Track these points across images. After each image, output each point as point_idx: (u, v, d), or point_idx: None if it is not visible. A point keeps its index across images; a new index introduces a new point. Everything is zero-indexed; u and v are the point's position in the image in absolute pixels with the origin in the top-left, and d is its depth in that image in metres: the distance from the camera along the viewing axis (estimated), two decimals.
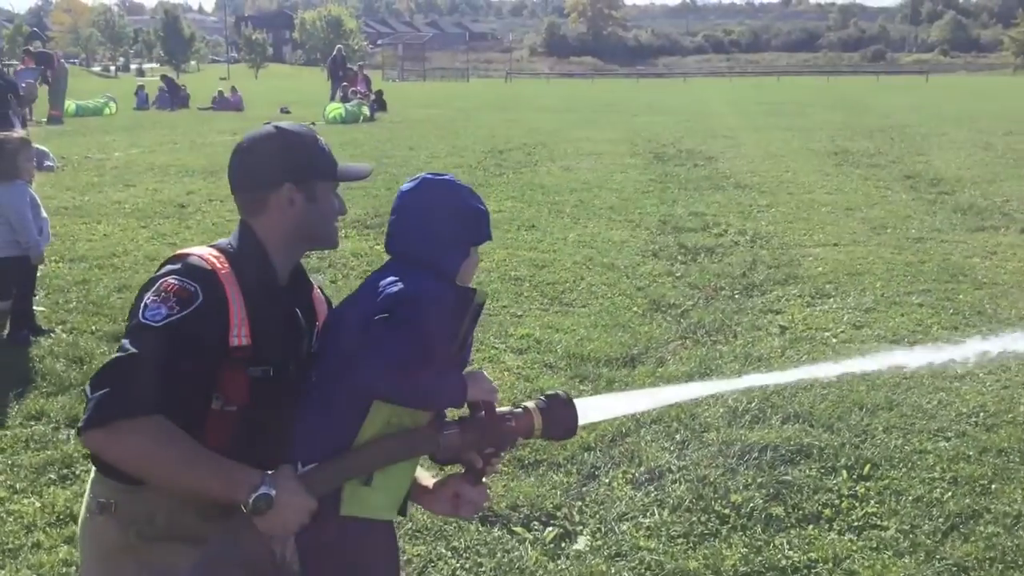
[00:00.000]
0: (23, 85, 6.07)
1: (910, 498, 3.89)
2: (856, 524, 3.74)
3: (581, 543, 3.60)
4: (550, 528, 3.68)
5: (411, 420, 2.20)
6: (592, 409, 2.56)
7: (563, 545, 3.59)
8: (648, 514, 3.81)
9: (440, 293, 2.17)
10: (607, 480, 4.07)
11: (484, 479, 2.41)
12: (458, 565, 3.44)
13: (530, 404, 2.30)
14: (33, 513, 3.69)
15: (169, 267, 2.22)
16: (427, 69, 79.84)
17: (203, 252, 2.24)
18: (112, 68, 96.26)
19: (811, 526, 3.74)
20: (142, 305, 2.13)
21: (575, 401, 2.34)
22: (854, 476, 4.09)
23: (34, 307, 5.95)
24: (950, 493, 3.91)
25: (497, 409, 2.27)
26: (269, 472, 2.11)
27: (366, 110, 24.20)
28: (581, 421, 2.36)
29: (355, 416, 2.17)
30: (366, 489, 2.19)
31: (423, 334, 2.10)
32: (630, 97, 41.42)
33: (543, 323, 6.28)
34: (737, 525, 3.74)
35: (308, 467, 2.15)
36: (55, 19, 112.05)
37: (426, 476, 2.53)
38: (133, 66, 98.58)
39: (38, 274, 6.50)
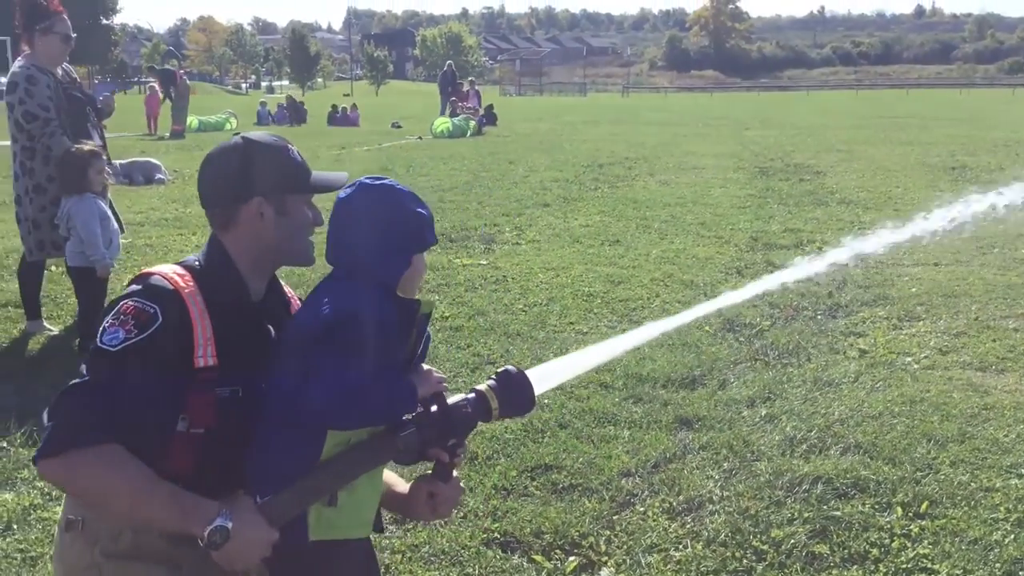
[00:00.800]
0: (100, 99, 6.23)
1: (967, 540, 3.57)
2: (905, 566, 3.45)
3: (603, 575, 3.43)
4: (572, 558, 3.51)
5: (370, 432, 2.11)
6: (546, 377, 2.42)
7: None
8: (680, 547, 3.61)
9: (379, 309, 2.06)
10: (642, 509, 3.88)
11: (455, 472, 2.31)
12: None
13: (482, 386, 2.20)
14: None
15: (131, 288, 2.18)
16: (544, 84, 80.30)
17: (166, 271, 2.19)
18: (244, 85, 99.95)
19: (855, 567, 3.47)
20: (101, 329, 2.10)
21: (527, 372, 2.23)
22: (910, 514, 3.79)
23: None
24: (1012, 536, 3.58)
25: (450, 399, 2.18)
26: (227, 503, 2.03)
27: (473, 124, 24.36)
28: (538, 390, 2.24)
29: (312, 445, 2.08)
30: (332, 510, 2.10)
31: (365, 356, 2.01)
32: (747, 110, 40.66)
33: None
34: (775, 563, 3.50)
35: (268, 496, 2.07)
36: (191, 38, 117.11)
37: (400, 483, 2.43)
38: (264, 84, 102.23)
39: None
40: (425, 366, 2.19)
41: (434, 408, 2.14)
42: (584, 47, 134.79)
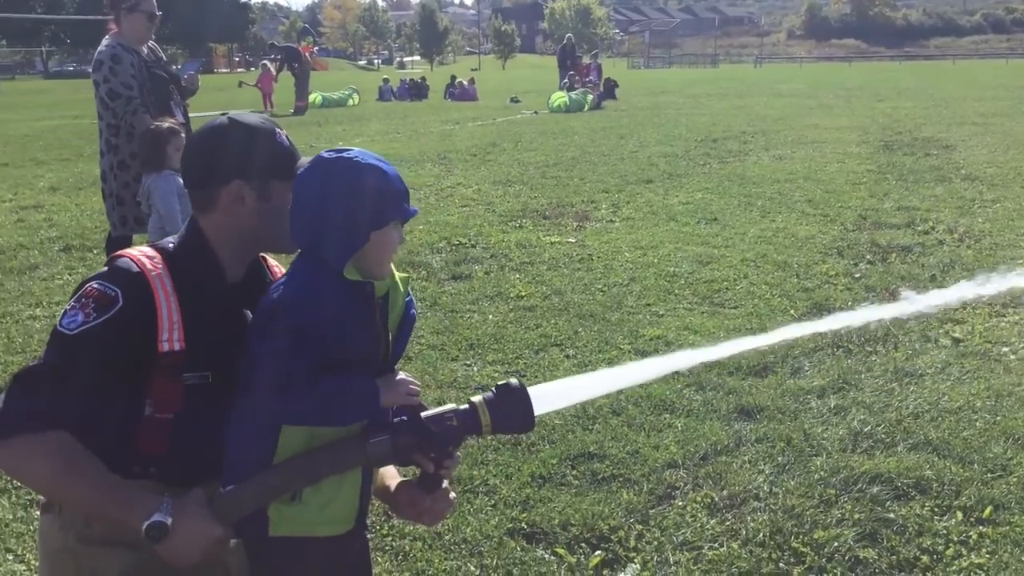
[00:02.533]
0: (184, 77, 6.36)
1: None
2: None
3: (628, 573, 3.28)
4: (598, 552, 3.38)
5: (336, 432, 2.03)
6: (550, 395, 2.26)
7: (605, 573, 3.28)
8: (715, 545, 3.43)
9: (316, 294, 1.95)
10: (681, 503, 3.71)
11: (444, 484, 2.21)
12: None
13: (477, 398, 2.06)
14: None
15: (100, 270, 2.16)
16: (675, 55, 78.84)
17: (135, 253, 2.15)
18: (376, 61, 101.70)
19: (902, 574, 3.24)
20: (63, 311, 2.09)
21: (530, 389, 2.08)
22: (971, 519, 3.51)
23: None
24: None
25: (437, 409, 2.07)
26: (173, 497, 2.00)
27: (591, 98, 24.08)
28: (541, 410, 2.09)
29: (266, 438, 2.01)
30: (295, 506, 2.02)
31: (305, 344, 1.90)
32: (885, 81, 38.97)
33: (682, 324, 5.90)
34: (814, 566, 3.29)
35: (225, 490, 2.03)
36: (327, 15, 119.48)
37: (392, 476, 2.35)
38: (396, 59, 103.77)
39: None
40: (402, 374, 2.08)
41: (413, 417, 2.04)
42: (717, 17, 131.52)
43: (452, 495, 2.27)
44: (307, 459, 2.00)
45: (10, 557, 3.37)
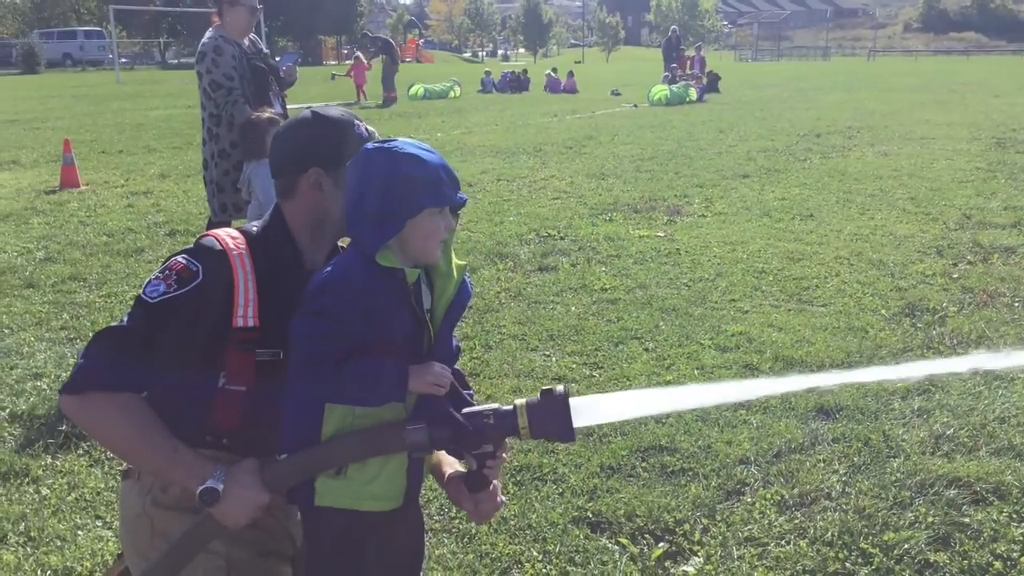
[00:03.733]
0: (283, 69, 6.54)
1: None
2: None
3: (690, 566, 3.29)
4: (661, 544, 3.39)
5: (377, 414, 2.10)
6: (593, 409, 2.27)
7: (667, 565, 3.29)
8: (782, 543, 3.41)
9: (349, 278, 2.02)
10: (750, 499, 3.69)
11: (490, 485, 2.24)
12: (543, 569, 3.27)
13: (520, 401, 2.09)
14: None
15: (187, 246, 2.29)
16: (784, 48, 77.22)
17: (220, 233, 2.27)
18: (480, 54, 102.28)
19: None
20: (148, 280, 2.22)
21: (576, 399, 2.07)
22: None
23: None
24: None
25: (480, 406, 2.12)
26: (226, 465, 2.11)
27: (693, 92, 23.81)
28: (582, 422, 2.09)
29: (312, 412, 2.10)
30: (340, 480, 2.11)
31: (335, 326, 1.99)
32: (1002, 76, 37.46)
33: (766, 321, 5.82)
34: (881, 568, 3.24)
35: (276, 460, 2.13)
36: (433, 8, 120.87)
37: (449, 464, 2.41)
38: (500, 52, 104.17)
39: None
40: (436, 364, 2.10)
41: (449, 410, 2.08)
42: (830, 8, 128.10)
43: (501, 498, 2.29)
44: (350, 438, 2.09)
45: (99, 523, 3.57)
